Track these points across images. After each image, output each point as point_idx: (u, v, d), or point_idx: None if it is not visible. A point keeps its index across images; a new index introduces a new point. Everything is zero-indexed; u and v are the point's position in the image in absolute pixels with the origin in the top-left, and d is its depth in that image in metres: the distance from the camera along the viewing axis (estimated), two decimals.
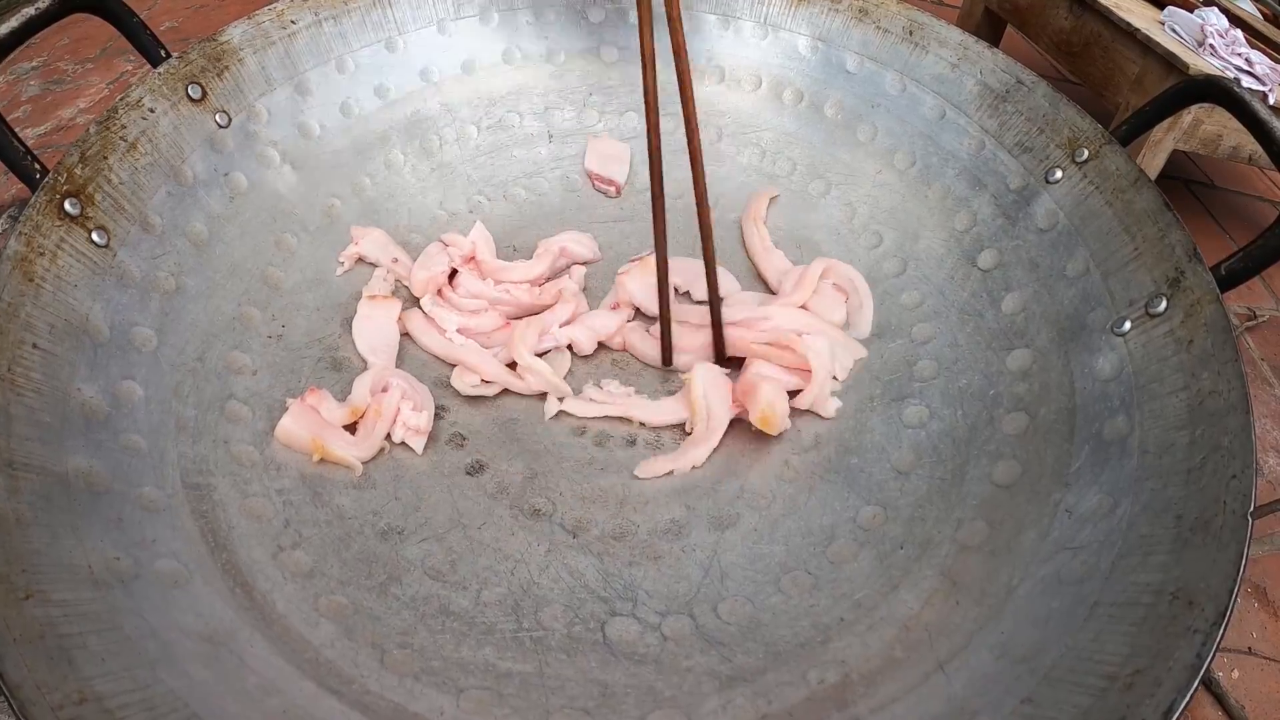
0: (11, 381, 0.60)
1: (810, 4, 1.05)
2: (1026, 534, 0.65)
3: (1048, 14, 1.81)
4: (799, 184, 1.06)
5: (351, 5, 0.98)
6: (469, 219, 1.01)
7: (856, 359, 0.89)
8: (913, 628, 0.63)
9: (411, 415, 0.79)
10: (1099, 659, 0.51)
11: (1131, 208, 0.77)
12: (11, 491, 0.54)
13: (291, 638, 0.60)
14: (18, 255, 0.64)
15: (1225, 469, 0.56)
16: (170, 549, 0.61)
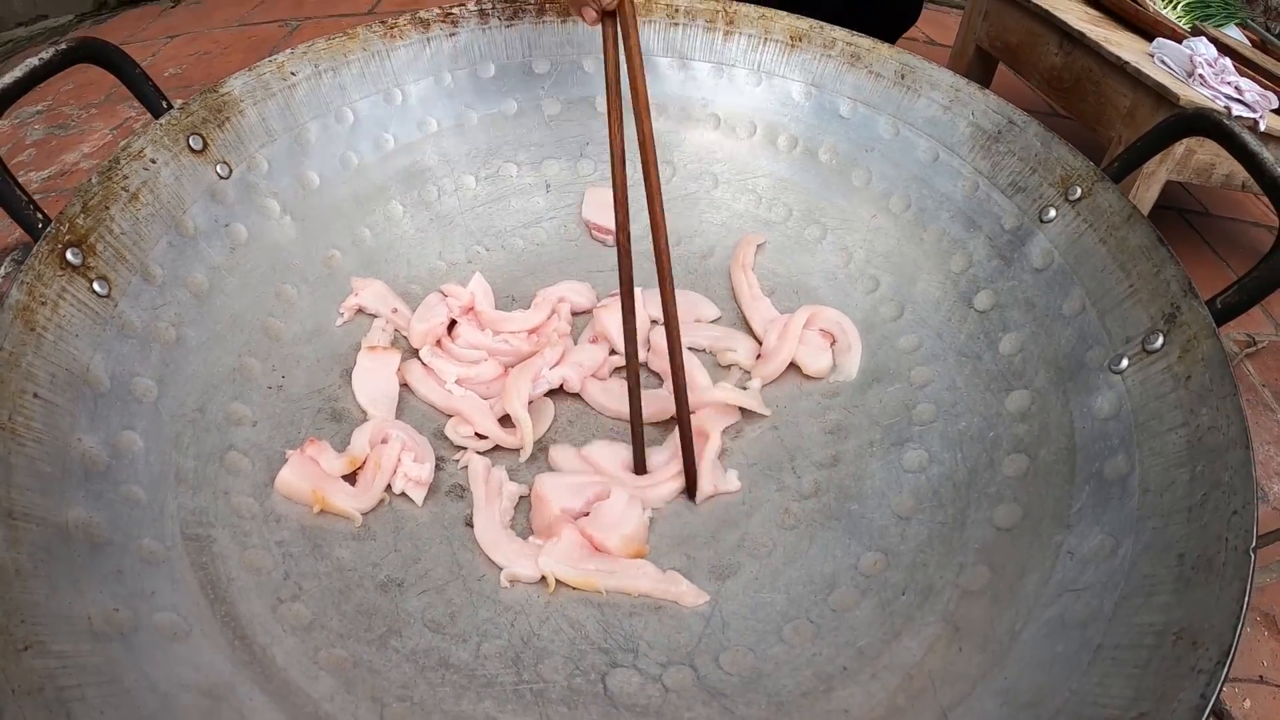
0: (12, 431, 0.60)
1: (803, 50, 1.06)
2: (1029, 577, 0.64)
3: (1038, 51, 1.84)
4: (795, 229, 1.07)
5: (350, 57, 0.99)
6: (468, 269, 1.01)
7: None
8: (916, 675, 0.62)
9: (413, 467, 0.79)
10: (1103, 703, 0.51)
11: (1126, 244, 0.77)
12: (11, 542, 0.54)
13: (291, 691, 0.60)
14: (19, 304, 0.65)
15: (1226, 505, 0.56)
16: (170, 601, 0.61)
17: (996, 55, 2.07)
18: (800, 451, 0.86)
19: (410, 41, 1.02)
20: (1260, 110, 1.53)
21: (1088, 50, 1.66)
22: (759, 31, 1.07)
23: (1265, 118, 1.52)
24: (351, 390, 0.87)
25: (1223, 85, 1.55)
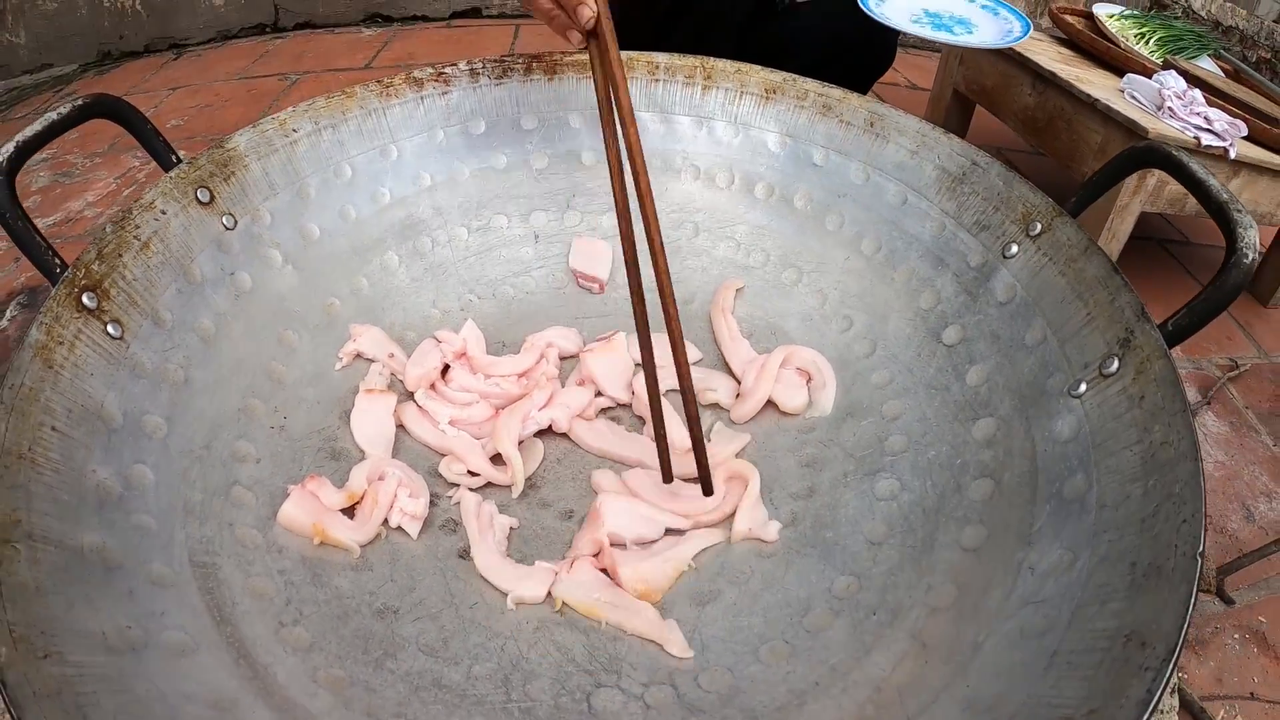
0: (32, 460, 0.64)
1: (777, 101, 1.12)
2: (992, 593, 0.68)
3: (1012, 93, 1.91)
4: (773, 274, 1.11)
5: (348, 114, 1.04)
6: (460, 316, 1.06)
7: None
8: (884, 689, 0.65)
9: (409, 502, 0.83)
10: (1058, 704, 0.54)
11: (1083, 275, 0.82)
12: (32, 562, 0.58)
13: (292, 707, 0.63)
14: (39, 343, 0.69)
15: (1176, 515, 0.59)
16: (178, 621, 0.64)
17: (973, 98, 2.14)
18: (778, 484, 0.90)
19: (405, 100, 1.07)
20: (1230, 138, 1.59)
21: (1059, 90, 1.73)
22: (735, 85, 1.12)
23: (1235, 145, 1.57)
24: (350, 430, 0.90)
25: (1192, 116, 1.61)
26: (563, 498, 0.90)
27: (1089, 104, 1.63)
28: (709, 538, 0.83)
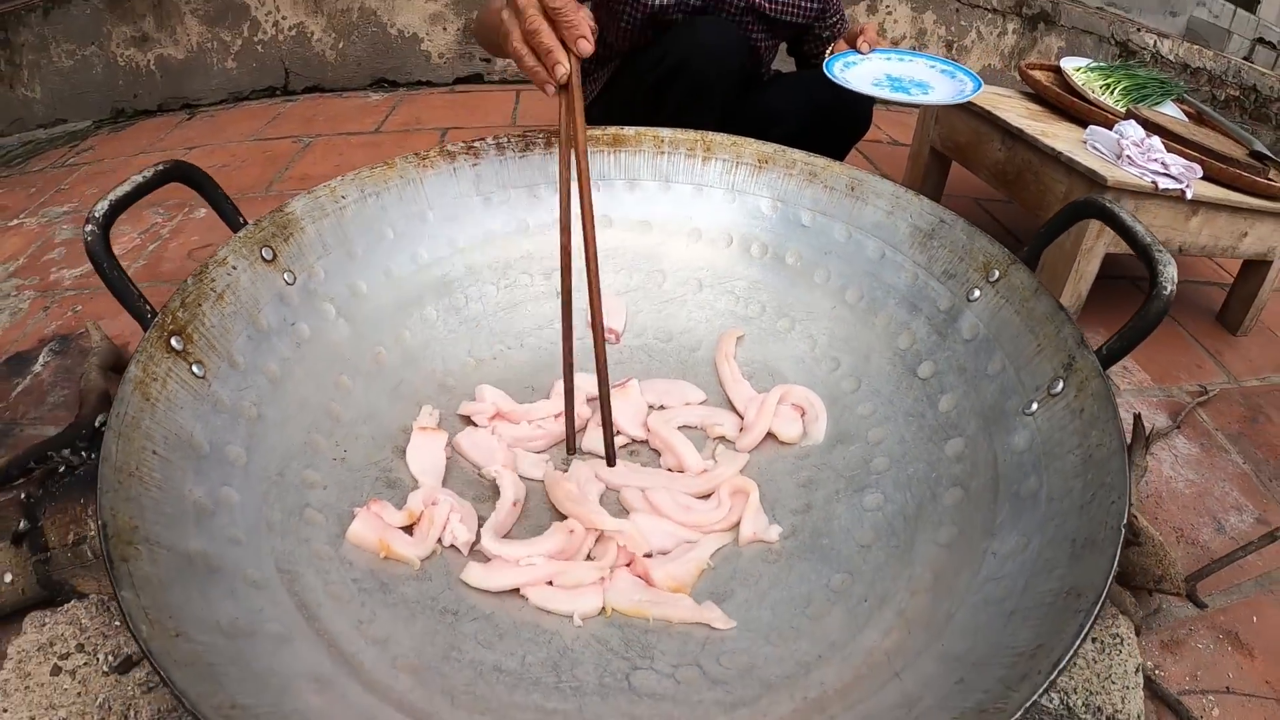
0: (140, 478, 0.77)
1: (769, 170, 1.28)
2: (962, 575, 0.82)
3: (983, 149, 2.08)
4: (768, 323, 1.26)
5: (390, 183, 1.19)
6: (494, 365, 1.21)
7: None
8: (875, 654, 0.79)
9: (459, 528, 0.96)
10: (1013, 646, 0.68)
11: (1034, 313, 0.98)
12: (153, 560, 0.71)
13: (379, 686, 0.75)
14: (136, 378, 0.83)
15: (1107, 499, 0.74)
16: (275, 616, 0.77)
17: (948, 154, 2.30)
18: (779, 503, 1.04)
19: (439, 170, 1.23)
20: (1186, 180, 1.73)
21: (1026, 144, 1.89)
22: (731, 156, 1.29)
23: (1191, 186, 1.72)
24: (403, 462, 1.04)
25: (1149, 162, 1.75)
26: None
27: (1053, 156, 1.79)
28: (720, 540, 0.97)
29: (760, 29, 1.76)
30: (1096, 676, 0.97)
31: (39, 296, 1.95)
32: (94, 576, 1.00)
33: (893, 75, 1.63)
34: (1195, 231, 1.87)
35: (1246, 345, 2.27)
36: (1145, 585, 1.17)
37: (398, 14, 3.48)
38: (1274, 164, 2.11)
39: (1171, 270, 0.88)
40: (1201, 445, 1.75)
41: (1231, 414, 1.89)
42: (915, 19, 3.81)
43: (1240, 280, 2.24)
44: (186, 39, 3.38)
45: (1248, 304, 2.23)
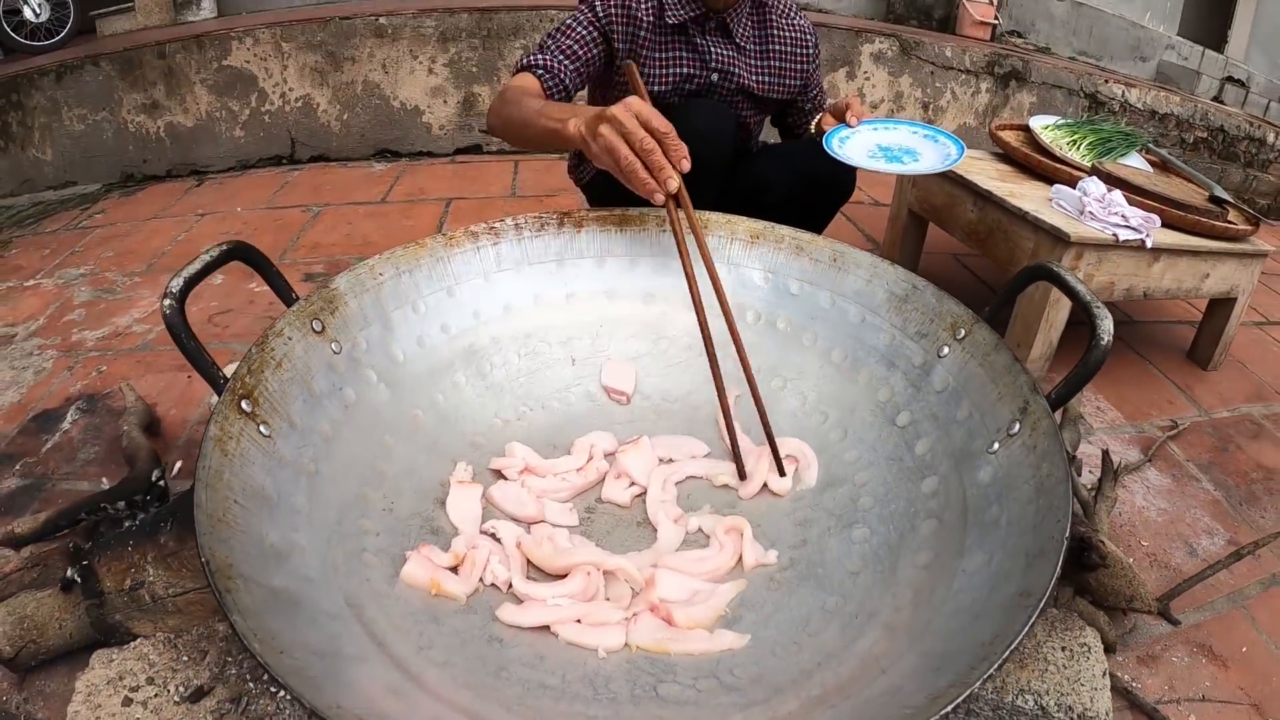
0: (227, 523, 0.92)
1: (760, 245, 1.46)
2: (938, 590, 0.98)
3: (957, 210, 2.26)
4: (763, 382, 1.40)
5: (421, 261, 1.36)
6: (518, 425, 1.37)
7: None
8: (865, 659, 0.95)
9: (499, 568, 1.11)
10: (977, 639, 0.84)
11: (995, 365, 1.16)
12: (249, 593, 0.85)
13: (444, 697, 0.90)
14: (216, 436, 0.98)
15: (1054, 518, 0.91)
16: (350, 641, 0.92)
17: (925, 216, 2.49)
18: (779, 540, 1.19)
19: (464, 249, 1.39)
20: (1145, 230, 1.90)
21: (996, 205, 2.08)
22: (726, 233, 1.47)
23: (1151, 236, 1.89)
24: (444, 512, 1.19)
25: (1110, 216, 1.92)
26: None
27: (1021, 216, 1.97)
28: (736, 587, 1.11)
29: (749, 107, 1.95)
30: (1067, 680, 1.11)
31: (62, 356, 2.06)
32: (150, 619, 1.14)
33: (883, 145, 1.78)
34: (1159, 276, 2.03)
35: (1217, 379, 2.40)
36: (1118, 605, 1.31)
37: (400, 87, 3.65)
38: (1234, 207, 2.28)
39: (1108, 324, 1.05)
40: (1173, 476, 1.88)
41: (1202, 445, 2.03)
42: (892, 83, 4.01)
43: (1208, 317, 2.40)
44: (196, 107, 3.55)
45: (1216, 340, 2.38)
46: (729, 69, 1.84)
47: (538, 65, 1.67)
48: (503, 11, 3.65)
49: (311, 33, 3.53)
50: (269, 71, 3.55)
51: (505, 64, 3.71)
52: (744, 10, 1.86)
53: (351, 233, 2.85)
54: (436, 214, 3.06)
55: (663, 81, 1.81)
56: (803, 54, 1.94)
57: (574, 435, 1.34)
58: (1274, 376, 2.52)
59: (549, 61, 1.68)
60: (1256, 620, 1.49)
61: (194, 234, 2.86)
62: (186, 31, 3.80)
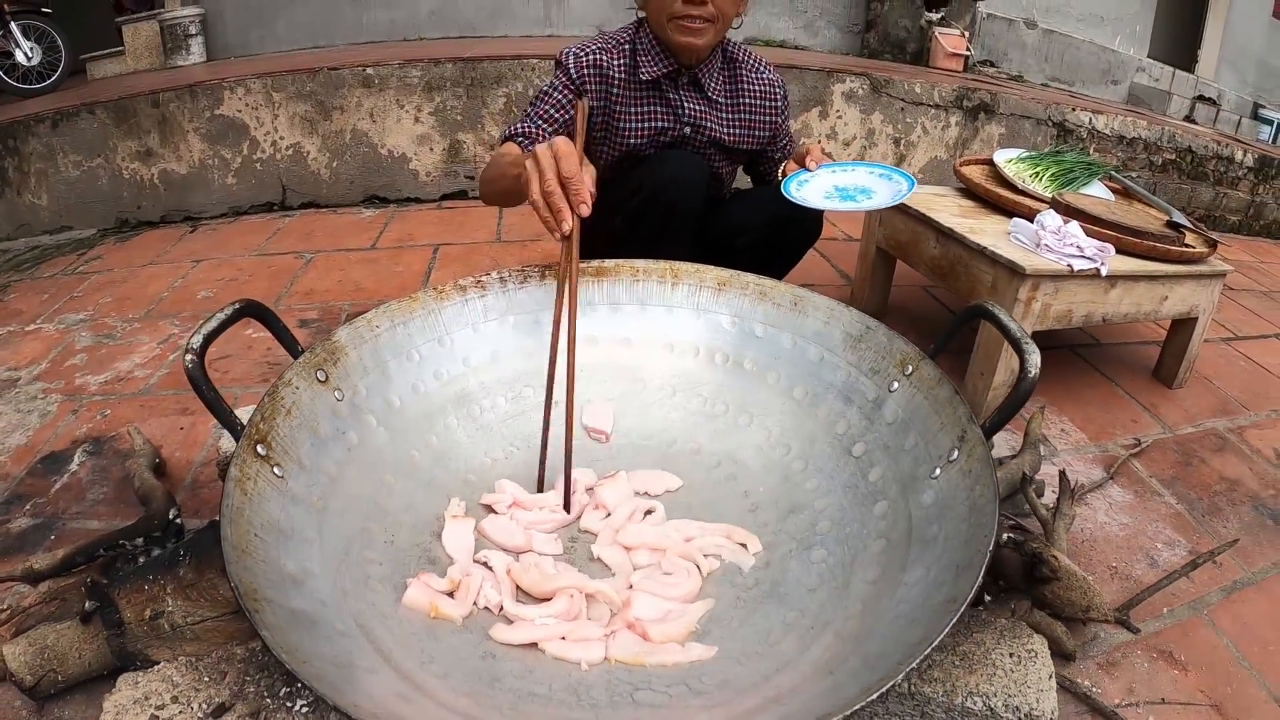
0: (250, 554, 1.05)
1: (727, 291, 1.61)
2: (883, 601, 1.12)
3: (921, 246, 2.40)
4: (732, 419, 1.57)
5: (414, 313, 1.50)
6: (506, 463, 1.50)
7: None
8: (817, 664, 1.09)
9: (491, 592, 1.25)
10: (909, 640, 0.97)
11: (938, 398, 1.30)
12: (273, 613, 0.98)
13: (447, 703, 1.03)
14: (236, 478, 1.12)
15: (981, 534, 1.05)
16: (361, 656, 1.05)
17: (892, 252, 2.62)
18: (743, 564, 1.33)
19: (454, 301, 1.54)
20: (1100, 259, 2.03)
21: (957, 241, 2.20)
22: (695, 281, 1.62)
23: (1106, 264, 2.02)
24: (440, 544, 1.32)
25: (1066, 247, 2.05)
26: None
27: (980, 250, 2.10)
28: (705, 606, 1.25)
29: (721, 158, 2.10)
30: (1014, 683, 1.22)
31: (66, 400, 2.15)
32: (168, 646, 1.24)
33: (840, 186, 1.91)
34: (1116, 301, 2.16)
35: (1182, 396, 2.51)
36: (1075, 615, 1.43)
37: (387, 135, 3.79)
38: (1191, 231, 2.42)
39: (1035, 358, 1.19)
40: (1135, 492, 1.98)
41: (1165, 461, 2.13)
42: (864, 120, 4.16)
43: (1171, 337, 2.54)
44: (189, 155, 3.68)
45: (1180, 358, 2.51)
46: (701, 122, 1.99)
47: (518, 134, 1.82)
48: (485, 61, 3.80)
49: (301, 83, 3.67)
50: (260, 120, 3.69)
51: (489, 111, 3.86)
52: (715, 66, 2.00)
53: (344, 279, 2.95)
54: (425, 259, 3.17)
55: (638, 135, 1.95)
56: (772, 106, 2.10)
57: (557, 473, 1.46)
58: (1240, 391, 2.63)
59: (528, 128, 1.82)
60: (1218, 625, 1.59)
61: (190, 280, 2.95)
62: (180, 81, 3.94)
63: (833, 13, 6.94)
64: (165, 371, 2.30)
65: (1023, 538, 1.44)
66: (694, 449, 1.55)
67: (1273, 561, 1.82)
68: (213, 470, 1.83)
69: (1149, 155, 4.89)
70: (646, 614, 1.21)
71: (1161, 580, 1.57)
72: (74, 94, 4.60)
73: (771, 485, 1.46)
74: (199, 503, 1.73)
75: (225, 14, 6.18)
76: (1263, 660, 1.53)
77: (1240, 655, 1.53)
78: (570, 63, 1.89)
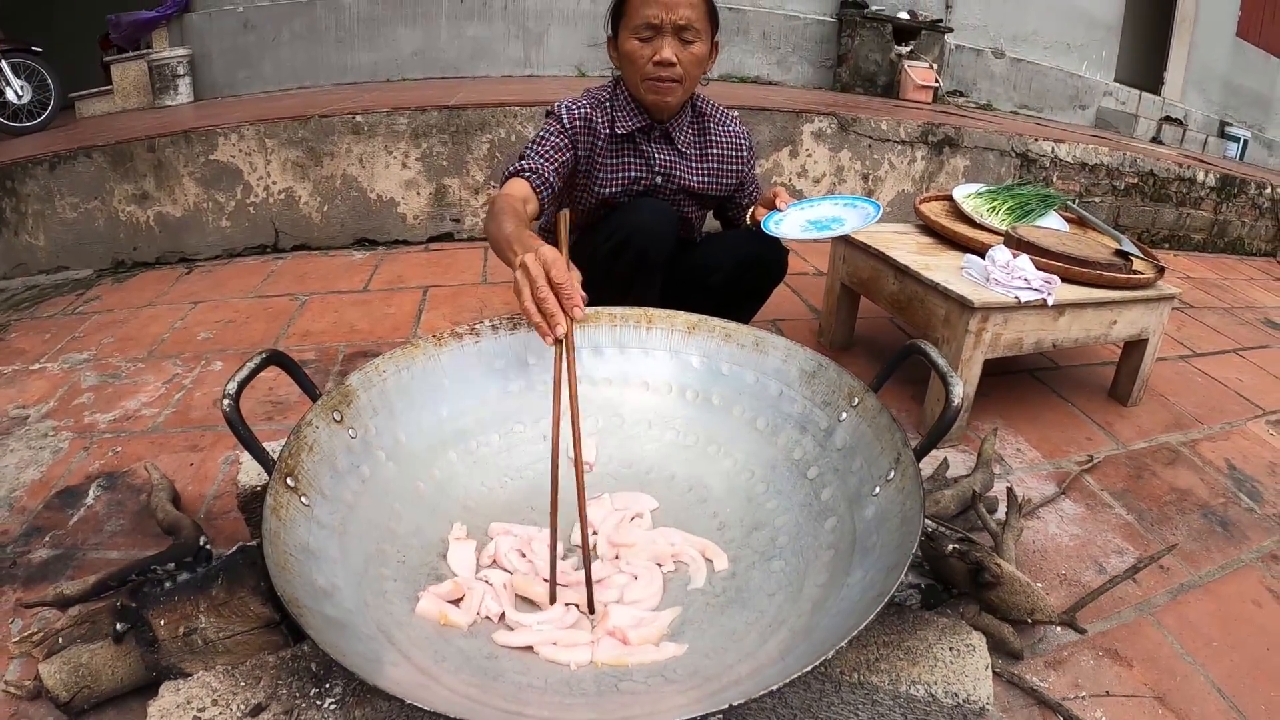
0: (288, 570, 1.23)
1: (696, 334, 1.83)
2: (829, 600, 1.32)
3: (880, 282, 2.60)
4: (702, 449, 1.78)
5: (416, 359, 1.70)
6: (501, 492, 1.70)
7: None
8: (772, 654, 1.28)
9: (492, 603, 1.44)
10: (844, 629, 1.15)
11: (879, 425, 1.51)
12: (312, 617, 1.17)
13: (459, 690, 1.22)
14: (271, 506, 1.30)
15: (909, 540, 1.25)
16: (386, 655, 1.24)
17: (855, 288, 2.81)
18: (715, 574, 1.53)
19: (451, 347, 1.74)
20: (1047, 291, 2.22)
21: (913, 277, 2.40)
22: (668, 326, 1.83)
23: (1052, 294, 2.21)
24: (446, 563, 1.51)
25: (1014, 280, 2.24)
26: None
27: (934, 286, 2.30)
28: (674, 612, 1.44)
29: (691, 203, 2.34)
30: (953, 673, 1.39)
31: (77, 437, 2.28)
32: (201, 659, 1.40)
33: (811, 219, 2.15)
34: (1065, 328, 2.37)
35: (1136, 414, 2.70)
36: (1020, 618, 1.61)
37: (376, 180, 3.96)
38: (1139, 257, 2.61)
39: (959, 389, 1.41)
40: (1087, 505, 2.16)
41: (1117, 475, 2.31)
42: (833, 158, 4.38)
43: (1124, 358, 2.75)
44: (184, 198, 3.84)
45: (1134, 377, 2.72)
46: (671, 172, 2.24)
47: (525, 169, 2.04)
48: (469, 109, 4.01)
49: (293, 129, 3.86)
50: (253, 165, 3.87)
51: (473, 157, 4.06)
52: (685, 120, 2.26)
53: (339, 320, 3.09)
54: (416, 301, 3.33)
55: (614, 184, 2.21)
56: (738, 156, 2.35)
57: (546, 499, 1.60)
58: (1194, 405, 2.84)
59: (534, 164, 2.05)
60: (1163, 625, 1.75)
61: (190, 322, 3.08)
62: (173, 125, 4.13)
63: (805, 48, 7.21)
64: (172, 410, 2.44)
65: (968, 548, 1.62)
66: (669, 475, 1.74)
67: (1219, 565, 2.00)
68: (225, 502, 2.00)
69: (1111, 180, 5.11)
70: (623, 622, 1.40)
71: (1105, 584, 1.72)
72: (67, 135, 4.76)
73: (737, 506, 1.66)
74: (215, 532, 1.89)
75: (213, 55, 6.42)
76: (1207, 655, 1.69)
77: (1185, 651, 1.69)
78: (564, 114, 2.15)
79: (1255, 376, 3.29)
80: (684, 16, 2.01)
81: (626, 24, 2.08)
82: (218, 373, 2.66)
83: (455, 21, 6.69)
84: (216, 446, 2.24)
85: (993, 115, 6.94)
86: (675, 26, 2.02)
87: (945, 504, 1.90)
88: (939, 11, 7.59)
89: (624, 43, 2.09)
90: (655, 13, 2.00)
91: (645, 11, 2.01)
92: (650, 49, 2.05)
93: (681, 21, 2.01)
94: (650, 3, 2.00)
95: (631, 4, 2.05)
